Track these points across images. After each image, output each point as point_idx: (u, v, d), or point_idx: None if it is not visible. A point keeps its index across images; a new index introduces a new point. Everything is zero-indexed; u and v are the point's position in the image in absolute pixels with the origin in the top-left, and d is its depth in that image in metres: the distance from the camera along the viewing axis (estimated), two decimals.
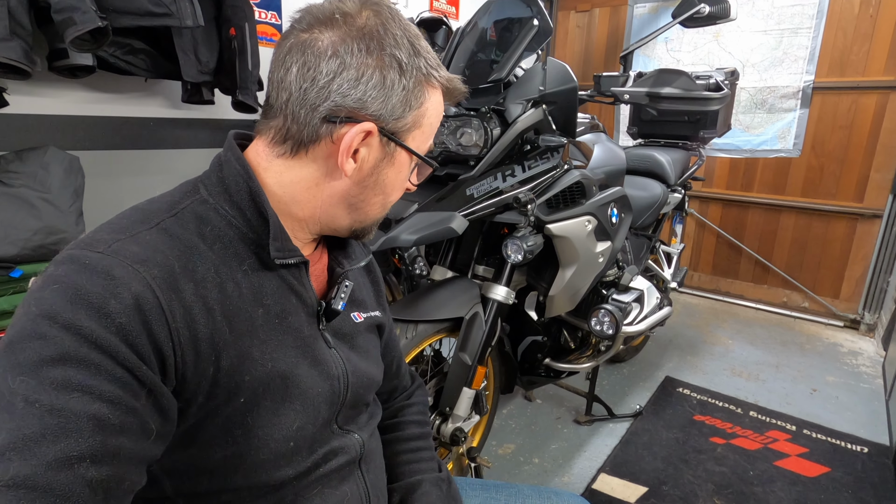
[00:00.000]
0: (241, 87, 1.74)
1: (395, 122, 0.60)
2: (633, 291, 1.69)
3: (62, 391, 0.43)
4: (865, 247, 2.96)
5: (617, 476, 1.74)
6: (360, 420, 0.73)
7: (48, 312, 0.45)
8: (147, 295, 0.49)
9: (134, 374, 0.47)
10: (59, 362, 0.44)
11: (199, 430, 0.55)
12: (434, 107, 0.64)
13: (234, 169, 0.60)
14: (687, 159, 2.39)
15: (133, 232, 0.52)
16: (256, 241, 0.59)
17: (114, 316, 0.46)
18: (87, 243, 0.50)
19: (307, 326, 0.64)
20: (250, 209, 0.59)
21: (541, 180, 1.33)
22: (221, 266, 0.56)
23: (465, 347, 1.37)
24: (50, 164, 1.43)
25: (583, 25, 3.74)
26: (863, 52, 2.83)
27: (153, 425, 0.49)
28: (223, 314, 0.55)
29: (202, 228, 0.57)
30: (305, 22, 0.58)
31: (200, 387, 0.53)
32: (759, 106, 3.14)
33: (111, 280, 0.47)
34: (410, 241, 1.20)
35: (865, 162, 2.90)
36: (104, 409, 0.45)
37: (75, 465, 0.42)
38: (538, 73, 1.29)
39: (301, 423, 0.61)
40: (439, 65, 0.63)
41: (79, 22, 1.24)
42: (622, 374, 2.41)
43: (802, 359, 2.64)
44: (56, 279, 0.47)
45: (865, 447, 1.93)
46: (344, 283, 0.69)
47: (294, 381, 0.60)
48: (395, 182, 0.65)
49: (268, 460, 0.59)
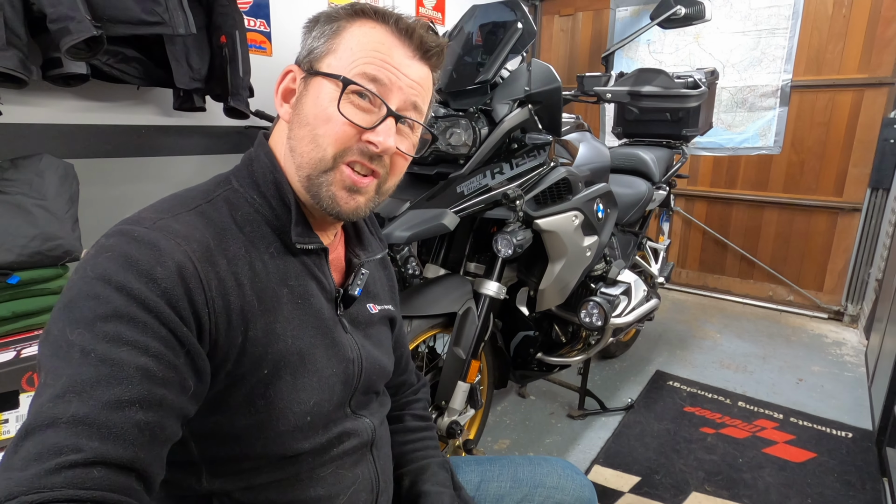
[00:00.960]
0: (232, 93, 1.77)
1: (309, 57, 0.66)
2: (621, 284, 1.73)
3: (114, 344, 0.48)
4: (846, 240, 3.04)
5: (610, 467, 1.77)
6: (371, 406, 0.77)
7: (102, 275, 0.51)
8: (188, 265, 0.54)
9: (175, 335, 0.52)
10: (112, 319, 0.49)
11: (225, 397, 0.59)
12: (353, 34, 0.64)
13: (262, 162, 0.67)
14: (670, 157, 2.45)
15: (175, 213, 0.58)
16: (280, 228, 0.65)
17: (159, 281, 0.52)
18: (134, 220, 0.56)
19: (327, 310, 0.69)
20: (275, 198, 0.65)
21: (528, 177, 1.38)
22: (251, 247, 0.62)
23: (459, 342, 1.40)
24: (45, 171, 1.45)
25: (566, 29, 3.81)
26: (837, 51, 2.92)
27: (191, 382, 0.54)
28: (252, 289, 0.60)
29: (234, 213, 0.63)
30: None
31: (230, 354, 0.58)
32: (739, 105, 3.22)
33: (157, 250, 0.53)
34: (404, 237, 1.23)
35: (843, 157, 2.99)
36: (150, 362, 0.50)
37: (126, 407, 0.47)
38: (523, 73, 1.33)
39: (317, 399, 0.65)
40: (373, 7, 0.66)
41: (74, 31, 1.27)
42: (613, 370, 2.45)
43: (788, 350, 2.70)
44: (109, 248, 0.53)
45: (850, 432, 1.98)
46: (361, 271, 0.74)
47: (311, 359, 0.65)
48: (314, 110, 0.63)
49: (286, 432, 0.63)
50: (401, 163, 0.70)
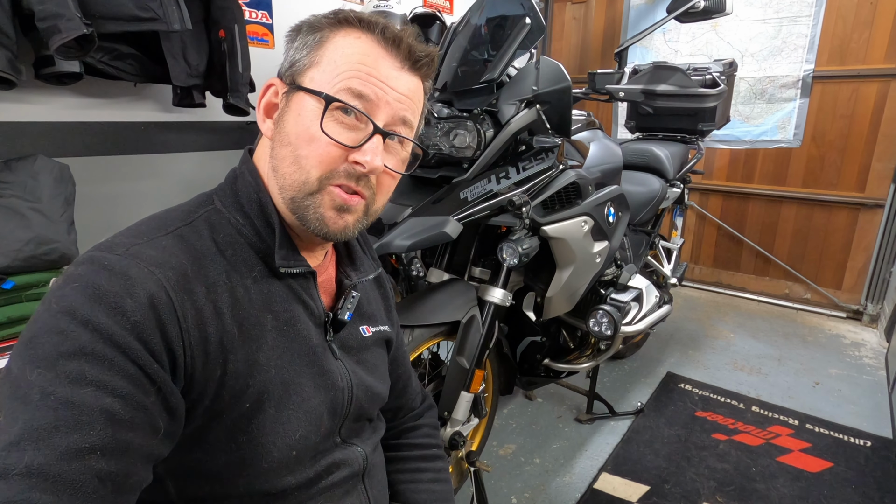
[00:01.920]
0: (231, 89, 1.72)
1: (291, 69, 0.62)
2: (632, 290, 1.67)
3: (76, 384, 0.45)
4: (868, 237, 2.94)
5: (619, 475, 1.73)
6: (363, 434, 0.74)
7: (67, 309, 0.47)
8: (161, 295, 0.51)
9: (145, 371, 0.49)
10: (76, 356, 0.46)
11: (204, 434, 0.56)
12: (337, 46, 0.60)
13: (246, 181, 0.63)
14: (686, 153, 2.37)
15: (150, 237, 0.55)
16: (264, 250, 0.61)
17: (129, 314, 0.48)
18: (106, 246, 0.53)
19: (315, 336, 0.65)
20: (259, 219, 0.61)
21: (536, 181, 1.31)
22: (232, 272, 0.58)
23: (463, 351, 1.35)
24: (39, 173, 1.42)
25: (579, 17, 3.70)
26: (863, 40, 2.79)
27: (161, 423, 0.50)
28: (233, 317, 0.57)
29: (215, 236, 0.59)
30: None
31: (207, 388, 0.54)
32: (758, 96, 3.11)
33: (127, 280, 0.50)
34: (404, 246, 1.18)
35: (867, 151, 2.87)
36: (116, 403, 0.46)
37: (86, 456, 0.44)
38: (531, 72, 1.27)
39: (304, 431, 0.62)
40: (357, 14, 0.62)
41: (63, 30, 1.22)
42: (623, 371, 2.40)
43: (805, 351, 2.62)
44: (76, 278, 0.50)
45: (868, 441, 1.91)
46: (351, 294, 0.70)
47: (297, 390, 0.61)
48: (296, 129, 0.59)
49: (270, 468, 0.60)
50: (388, 182, 0.65)
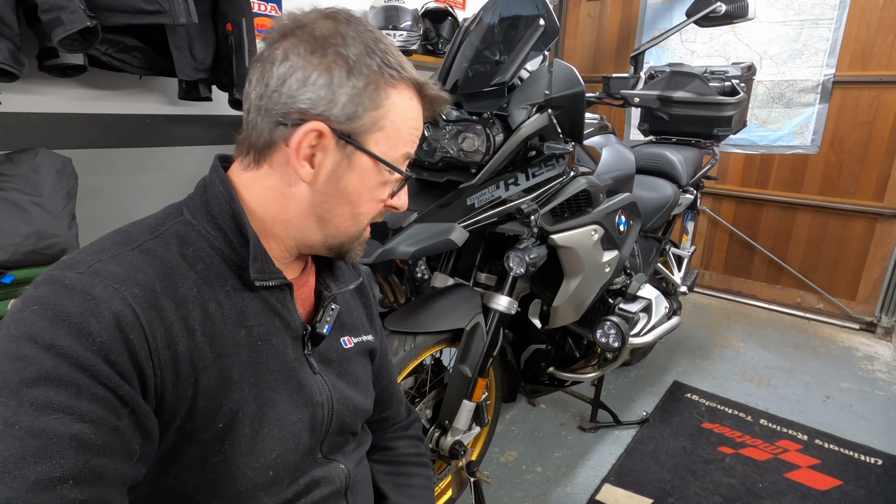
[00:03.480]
0: (238, 84, 1.69)
1: (350, 123, 0.58)
2: (641, 301, 1.63)
3: (43, 412, 0.43)
4: (885, 247, 2.87)
5: (621, 487, 1.70)
6: (346, 449, 0.72)
7: (28, 333, 0.45)
8: (127, 314, 0.48)
9: (116, 394, 0.47)
10: (40, 383, 0.44)
11: (176, 456, 0.54)
12: (399, 109, 0.61)
13: (217, 190, 0.60)
14: (700, 158, 2.31)
15: (114, 253, 0.52)
16: (238, 263, 0.59)
17: (94, 335, 0.46)
18: (67, 264, 0.50)
19: (292, 350, 0.63)
20: (232, 230, 0.58)
21: (545, 189, 1.28)
22: (203, 286, 0.56)
23: (466, 359, 1.33)
24: (41, 166, 1.40)
25: (594, 15, 3.63)
26: (886, 45, 2.72)
27: (136, 445, 0.49)
28: (204, 334, 0.54)
29: (184, 249, 0.56)
30: (271, 38, 0.59)
31: (179, 409, 0.52)
32: (776, 100, 3.04)
33: (91, 299, 0.47)
34: (408, 253, 1.15)
35: (887, 160, 2.80)
36: (86, 429, 0.44)
37: (57, 486, 0.42)
38: (544, 75, 1.23)
39: (281, 450, 0.60)
40: (402, 66, 0.60)
41: (67, 22, 1.20)
42: (629, 379, 2.36)
43: (816, 363, 2.57)
44: (36, 300, 0.47)
45: (879, 459, 1.87)
46: (330, 307, 0.68)
47: (272, 407, 0.59)
48: (360, 190, 0.62)
49: (246, 490, 0.58)
50: None
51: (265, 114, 0.57)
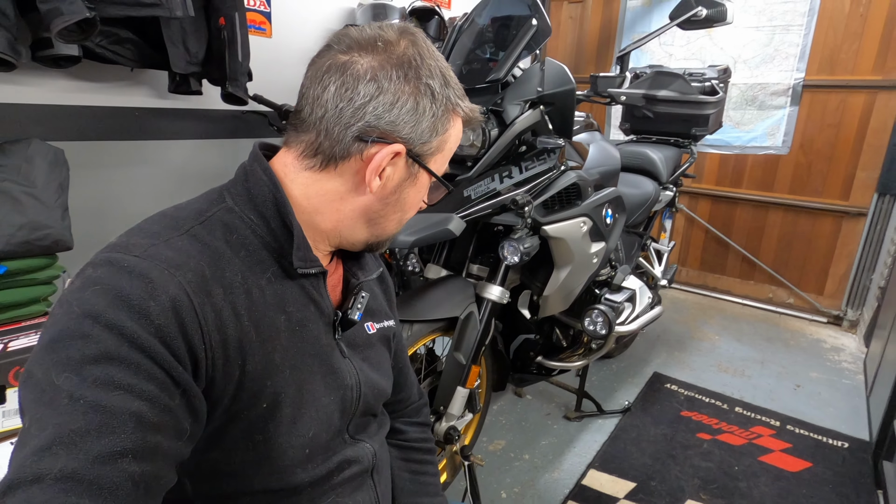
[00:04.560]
0: (230, 78, 1.70)
1: (422, 146, 0.63)
2: (626, 291, 1.70)
3: (104, 389, 0.45)
4: (850, 244, 3.01)
5: (606, 472, 1.76)
6: (370, 430, 0.75)
7: (91, 312, 0.47)
8: (182, 298, 0.50)
9: (170, 375, 0.49)
10: (102, 361, 0.46)
11: (222, 434, 0.56)
12: (456, 133, 0.67)
13: (260, 180, 0.61)
14: (679, 156, 2.40)
15: (166, 237, 0.54)
16: (279, 251, 0.61)
17: (153, 318, 0.48)
18: (123, 247, 0.52)
19: (324, 335, 0.66)
20: (275, 219, 0.60)
21: (538, 182, 1.33)
22: (247, 272, 0.58)
23: (460, 347, 1.37)
24: (34, 157, 1.39)
25: (575, 17, 3.71)
26: (852, 51, 2.85)
27: (186, 425, 0.50)
28: (250, 319, 0.56)
29: (228, 236, 0.58)
30: (345, 44, 0.61)
31: (227, 389, 0.55)
32: (749, 102, 3.16)
33: (150, 283, 0.49)
34: (408, 242, 1.19)
35: (852, 160, 2.94)
36: (144, 407, 0.46)
37: (119, 459, 0.44)
38: (536, 73, 1.28)
39: (316, 430, 0.63)
40: (464, 96, 0.67)
41: (66, 12, 1.20)
42: (611, 370, 2.44)
43: (787, 355, 2.68)
44: (97, 280, 0.49)
45: (846, 442, 1.97)
46: (361, 294, 0.71)
47: (309, 389, 0.62)
48: (414, 201, 0.68)
49: (285, 466, 0.61)
50: None
51: (344, 126, 0.59)
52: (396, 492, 0.84)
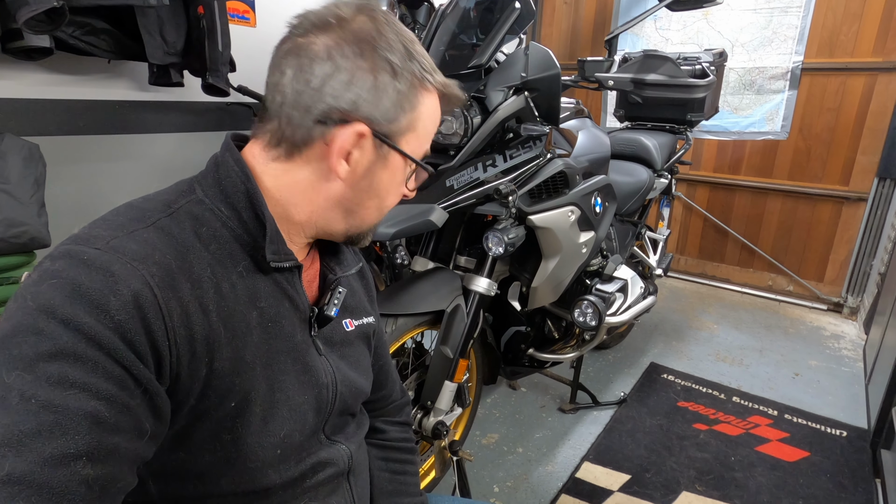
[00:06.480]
0: (210, 68, 1.66)
1: (389, 125, 0.60)
2: (617, 281, 1.66)
3: (58, 387, 0.43)
4: (850, 230, 2.97)
5: (600, 464, 1.74)
6: (347, 430, 0.73)
7: (46, 307, 0.44)
8: (146, 293, 0.48)
9: (130, 373, 0.47)
10: (56, 358, 0.43)
11: (188, 434, 0.54)
12: (429, 111, 0.63)
13: (231, 171, 0.59)
14: (674, 143, 2.36)
15: (131, 229, 0.52)
16: (252, 244, 0.58)
17: (112, 313, 0.46)
18: (84, 239, 0.49)
19: (300, 332, 0.64)
20: (247, 211, 0.58)
21: (523, 170, 1.29)
22: (217, 266, 0.56)
23: (447, 340, 1.34)
24: (7, 153, 1.36)
25: (570, 2, 3.65)
26: (852, 33, 2.79)
27: (147, 425, 0.48)
28: (218, 315, 0.54)
29: (198, 228, 0.56)
30: (302, 27, 0.59)
31: (193, 388, 0.52)
32: (747, 87, 3.10)
33: (110, 277, 0.47)
34: (388, 234, 1.16)
35: (852, 145, 2.89)
36: (100, 406, 0.44)
37: (72, 462, 0.42)
38: (520, 58, 1.24)
39: (288, 430, 0.61)
40: (434, 69, 0.63)
41: (32, 2, 1.16)
42: (607, 361, 2.41)
43: (786, 343, 2.65)
44: (54, 274, 0.46)
45: (844, 431, 1.95)
46: (338, 290, 0.68)
47: (281, 388, 0.60)
48: (389, 186, 0.64)
49: (255, 467, 0.58)
50: None
51: (304, 110, 0.57)
52: (376, 492, 0.82)
